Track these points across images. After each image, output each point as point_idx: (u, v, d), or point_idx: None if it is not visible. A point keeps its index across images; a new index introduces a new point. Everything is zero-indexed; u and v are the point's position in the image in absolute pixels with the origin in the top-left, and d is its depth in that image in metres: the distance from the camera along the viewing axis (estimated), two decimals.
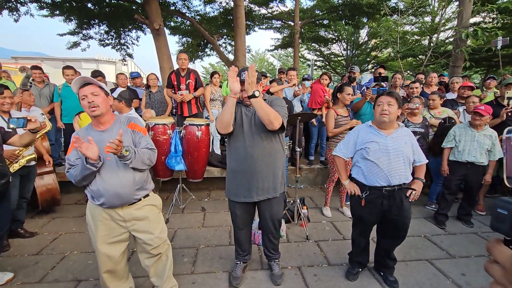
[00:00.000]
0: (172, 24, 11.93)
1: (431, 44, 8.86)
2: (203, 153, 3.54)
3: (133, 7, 9.67)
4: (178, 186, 3.67)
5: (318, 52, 17.70)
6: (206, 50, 13.44)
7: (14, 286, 2.25)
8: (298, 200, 3.22)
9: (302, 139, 5.01)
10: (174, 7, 10.40)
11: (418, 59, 12.44)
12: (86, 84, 1.67)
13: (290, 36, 13.08)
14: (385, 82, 4.08)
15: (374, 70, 12.33)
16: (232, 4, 9.15)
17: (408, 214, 2.10)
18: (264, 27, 13.45)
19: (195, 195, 3.85)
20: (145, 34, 11.49)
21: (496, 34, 6.28)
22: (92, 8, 9.41)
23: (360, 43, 16.25)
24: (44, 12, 9.24)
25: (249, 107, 2.02)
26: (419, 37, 11.82)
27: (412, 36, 11.97)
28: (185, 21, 11.52)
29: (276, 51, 17.85)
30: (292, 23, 11.94)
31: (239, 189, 2.08)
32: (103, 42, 10.93)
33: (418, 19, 12.15)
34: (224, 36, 12.47)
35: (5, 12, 8.23)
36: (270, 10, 12.48)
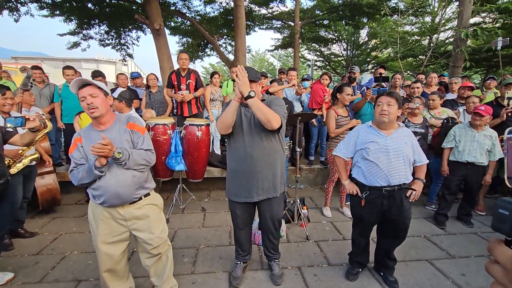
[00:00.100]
0: (172, 24, 11.94)
1: (431, 44, 8.86)
2: (203, 153, 3.54)
3: (133, 7, 9.68)
4: (178, 186, 3.68)
5: (318, 52, 17.71)
6: (206, 50, 13.46)
7: (15, 286, 2.25)
8: (298, 200, 3.22)
9: (302, 139, 5.01)
10: (174, 7, 10.41)
11: (418, 59, 12.44)
12: (84, 85, 1.67)
13: (290, 36, 13.09)
14: (385, 82, 4.08)
15: (374, 70, 12.33)
16: (232, 4, 9.16)
17: (408, 214, 2.11)
18: (264, 27, 13.46)
19: (195, 195, 3.86)
20: (145, 34, 11.51)
21: (496, 33, 6.28)
22: (92, 8, 9.41)
23: (360, 43, 16.26)
24: (44, 12, 9.25)
25: (248, 107, 2.02)
26: (419, 37, 11.82)
27: (412, 36, 11.97)
28: (185, 21, 11.53)
29: (276, 51, 17.88)
30: (292, 23, 11.95)
31: (239, 189, 2.08)
32: (103, 42, 10.94)
33: (418, 19, 12.16)
34: (224, 36, 12.48)
35: (5, 12, 8.25)
36: (270, 10, 12.49)
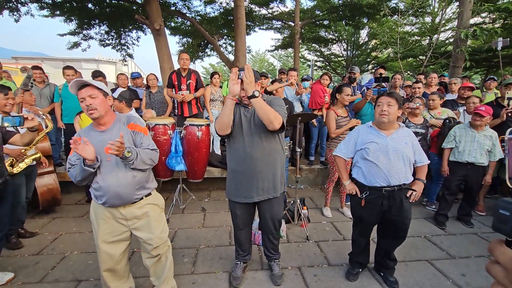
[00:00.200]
0: (173, 24, 11.94)
1: (431, 44, 8.86)
2: (203, 153, 3.54)
3: (133, 7, 9.69)
4: (179, 186, 3.68)
5: (318, 53, 17.72)
6: (207, 50, 13.47)
7: (15, 286, 2.25)
8: (298, 200, 3.22)
9: (302, 139, 5.01)
10: (174, 8, 10.41)
11: (418, 59, 12.45)
12: (83, 86, 1.66)
13: (290, 36, 13.09)
14: (385, 83, 4.08)
15: (374, 70, 12.34)
16: (232, 4, 9.16)
17: (408, 214, 2.10)
18: (264, 27, 13.46)
19: (195, 196, 3.86)
20: (145, 34, 11.53)
21: (496, 32, 6.27)
22: (92, 8, 9.42)
23: (360, 43, 16.28)
24: (45, 12, 9.25)
25: (248, 107, 2.01)
26: (419, 37, 11.82)
27: (412, 36, 11.97)
28: (185, 21, 11.54)
29: (276, 51, 17.90)
30: (292, 24, 11.95)
31: (239, 189, 2.08)
32: (103, 42, 10.95)
33: (418, 20, 12.16)
34: (225, 37, 12.49)
35: (5, 12, 8.25)
36: (270, 11, 12.49)
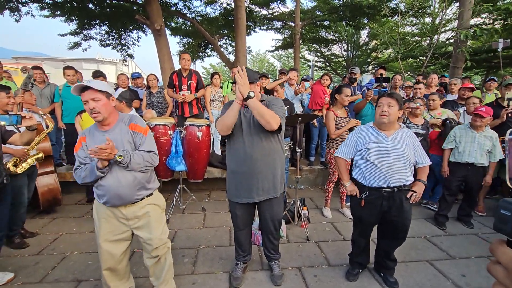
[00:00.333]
0: (173, 24, 11.96)
1: (432, 45, 8.86)
2: (203, 153, 3.54)
3: (134, 8, 9.71)
4: (179, 186, 3.68)
5: (318, 53, 17.73)
6: (207, 50, 13.48)
7: (15, 286, 2.25)
8: (299, 200, 3.22)
9: (302, 140, 5.01)
10: (175, 8, 10.43)
11: (418, 60, 12.45)
12: (86, 88, 1.65)
13: (290, 37, 13.09)
14: (386, 83, 4.08)
15: (374, 71, 12.33)
16: (233, 5, 9.18)
17: (408, 215, 2.10)
18: (264, 28, 13.47)
19: (195, 196, 3.86)
20: (146, 34, 11.53)
21: (496, 31, 6.27)
22: (93, 8, 9.44)
23: (361, 44, 16.29)
24: (45, 12, 9.27)
25: (247, 108, 2.02)
26: (419, 38, 11.82)
27: (412, 37, 11.97)
28: (186, 21, 11.56)
29: (276, 52, 17.92)
30: (292, 24, 11.96)
31: (239, 190, 2.08)
32: (104, 43, 10.96)
33: (418, 20, 12.16)
34: (225, 37, 12.50)
35: (6, 12, 8.26)
36: (270, 11, 12.50)
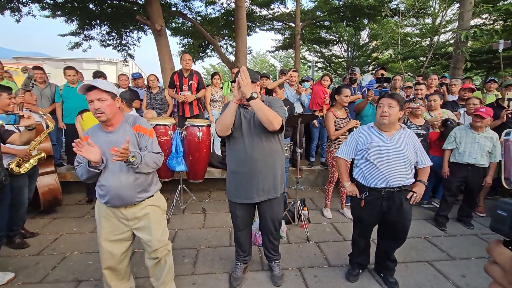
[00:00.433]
0: (174, 25, 11.95)
1: (432, 45, 8.86)
2: (204, 154, 3.55)
3: (134, 8, 9.71)
4: (179, 187, 3.68)
5: (319, 54, 17.73)
6: (207, 51, 13.48)
7: (15, 286, 2.26)
8: (299, 201, 3.22)
9: (303, 140, 5.01)
10: (175, 8, 10.44)
11: (419, 60, 12.44)
12: (92, 87, 1.65)
13: (291, 37, 13.10)
14: (387, 83, 4.08)
15: (375, 71, 12.33)
16: (233, 5, 9.18)
17: (408, 216, 2.10)
18: (265, 28, 13.46)
19: (195, 196, 3.86)
20: (146, 35, 11.53)
21: (497, 32, 6.27)
22: (93, 8, 9.44)
23: (361, 44, 16.28)
24: (46, 12, 9.27)
25: (247, 108, 2.02)
26: (419, 38, 11.82)
27: (413, 37, 11.97)
28: (186, 22, 11.56)
29: (277, 52, 17.93)
30: (293, 25, 11.95)
31: (240, 190, 2.08)
32: (104, 43, 10.96)
33: (419, 21, 12.16)
34: (225, 37, 12.51)
35: (7, 12, 8.27)
36: (271, 12, 12.49)
